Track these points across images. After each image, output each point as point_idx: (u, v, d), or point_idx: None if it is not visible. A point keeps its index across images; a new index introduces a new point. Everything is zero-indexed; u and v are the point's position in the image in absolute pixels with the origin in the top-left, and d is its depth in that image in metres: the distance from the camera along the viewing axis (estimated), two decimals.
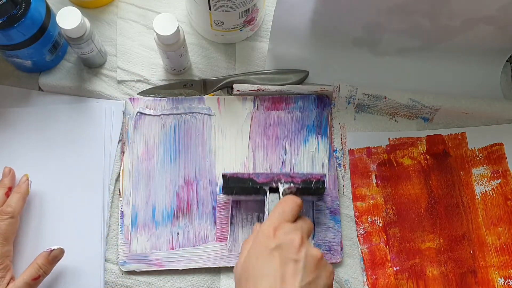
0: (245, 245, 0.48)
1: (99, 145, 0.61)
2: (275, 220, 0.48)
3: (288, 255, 0.45)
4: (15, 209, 0.55)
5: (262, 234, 0.47)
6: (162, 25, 0.55)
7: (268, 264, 0.45)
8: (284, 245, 0.46)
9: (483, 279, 0.59)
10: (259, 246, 0.46)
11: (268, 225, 0.48)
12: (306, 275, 0.45)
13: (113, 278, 0.58)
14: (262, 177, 0.56)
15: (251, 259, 0.46)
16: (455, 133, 0.64)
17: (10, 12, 0.52)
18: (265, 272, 0.44)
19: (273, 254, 0.45)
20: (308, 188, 0.56)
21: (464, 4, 0.55)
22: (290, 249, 0.45)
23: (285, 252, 0.45)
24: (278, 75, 0.64)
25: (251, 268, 0.45)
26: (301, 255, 0.45)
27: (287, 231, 0.47)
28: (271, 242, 0.46)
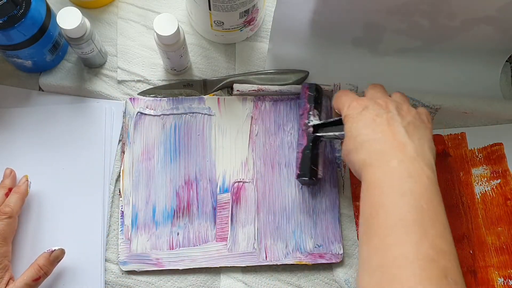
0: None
1: (99, 145, 0.61)
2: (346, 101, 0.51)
3: (379, 110, 0.47)
4: (14, 209, 0.55)
5: (349, 112, 0.49)
6: (162, 25, 0.55)
7: (363, 121, 0.47)
8: (370, 105, 0.48)
9: (482, 279, 0.59)
10: (350, 118, 0.48)
11: (347, 106, 0.50)
12: (402, 118, 0.47)
13: (113, 278, 0.58)
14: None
15: (351, 130, 0.47)
16: (454, 133, 0.64)
17: (11, 12, 0.52)
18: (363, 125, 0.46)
19: (364, 114, 0.47)
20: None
21: (464, 4, 0.55)
22: (377, 105, 0.48)
23: (374, 108, 0.47)
24: (278, 75, 0.64)
25: (355, 133, 0.47)
26: (391, 107, 0.48)
27: (366, 99, 0.50)
28: (358, 107, 0.48)
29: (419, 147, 0.45)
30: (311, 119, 0.59)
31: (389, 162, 0.43)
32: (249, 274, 0.59)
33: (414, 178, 0.42)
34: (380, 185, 0.42)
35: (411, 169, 0.43)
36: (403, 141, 0.45)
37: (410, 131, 0.46)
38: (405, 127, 0.46)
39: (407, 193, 0.41)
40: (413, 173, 0.42)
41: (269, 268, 0.59)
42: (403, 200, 0.41)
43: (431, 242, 0.39)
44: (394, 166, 0.43)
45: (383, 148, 0.44)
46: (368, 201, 0.43)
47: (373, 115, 0.47)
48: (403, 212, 0.40)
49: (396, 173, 0.42)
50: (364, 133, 0.46)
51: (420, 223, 0.40)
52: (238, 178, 0.61)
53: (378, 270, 0.38)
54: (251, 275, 0.59)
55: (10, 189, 0.57)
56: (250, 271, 0.59)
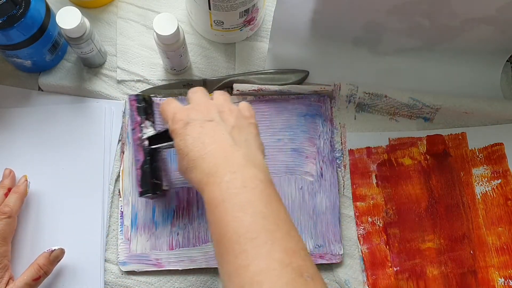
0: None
1: (99, 145, 0.61)
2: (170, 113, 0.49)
3: (202, 120, 0.47)
4: (13, 209, 0.55)
5: (174, 126, 0.48)
6: (162, 25, 0.55)
7: (190, 136, 0.46)
8: (193, 116, 0.48)
9: (483, 279, 0.59)
10: (177, 134, 0.47)
11: (172, 119, 0.49)
12: (226, 123, 0.47)
13: (113, 278, 0.58)
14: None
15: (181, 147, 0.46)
16: (455, 133, 0.64)
17: (10, 12, 0.52)
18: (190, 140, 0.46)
19: (189, 128, 0.47)
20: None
21: (464, 4, 0.55)
22: (199, 113, 0.48)
23: (198, 119, 0.47)
24: (278, 75, 0.64)
25: (185, 150, 0.46)
26: (213, 113, 0.48)
27: (188, 108, 0.49)
28: (182, 121, 0.47)
29: (247, 151, 0.45)
30: (144, 131, 0.57)
31: (223, 177, 0.43)
32: None
33: (248, 187, 0.42)
34: (220, 202, 0.42)
35: (244, 177, 0.43)
36: (231, 150, 0.45)
37: (236, 136, 0.46)
38: (230, 133, 0.46)
39: (245, 204, 0.41)
40: (246, 181, 0.42)
41: None
42: (244, 212, 0.41)
43: (281, 246, 0.39)
44: (227, 180, 0.42)
45: (214, 163, 0.44)
46: (213, 221, 0.42)
47: (198, 127, 0.47)
48: (247, 225, 0.40)
49: (231, 186, 0.42)
50: (195, 149, 0.45)
51: (266, 230, 0.40)
52: None
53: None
54: None
55: (9, 189, 0.57)
56: None
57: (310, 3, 0.57)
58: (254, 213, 0.41)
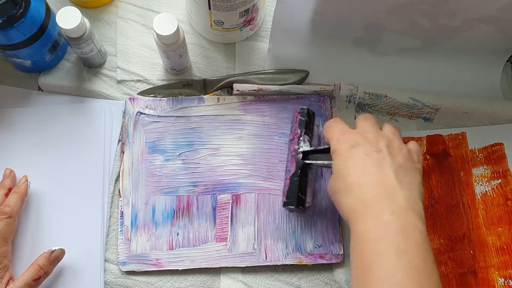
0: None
1: (99, 145, 0.61)
2: (336, 133, 0.49)
3: (369, 149, 0.45)
4: (13, 209, 0.55)
5: (338, 147, 0.47)
6: (162, 25, 0.55)
7: (353, 159, 0.45)
8: (360, 142, 0.46)
9: (483, 279, 0.59)
10: (339, 155, 0.46)
11: (337, 139, 0.48)
12: (393, 159, 0.45)
13: (113, 278, 0.58)
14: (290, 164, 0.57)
15: (340, 168, 0.46)
16: (455, 133, 0.64)
17: (10, 12, 0.52)
18: (352, 164, 0.45)
19: (354, 152, 0.45)
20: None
21: (464, 4, 0.55)
22: (367, 142, 0.46)
23: (364, 146, 0.46)
24: (278, 75, 0.64)
25: (343, 172, 0.45)
26: (381, 145, 0.46)
27: (356, 133, 0.48)
28: (347, 143, 0.46)
29: (409, 194, 0.43)
30: (301, 145, 0.57)
31: (380, 214, 0.42)
32: (249, 275, 0.59)
33: (407, 233, 0.41)
34: (372, 238, 0.41)
35: (403, 222, 0.41)
36: (393, 188, 0.43)
37: (400, 175, 0.45)
38: (395, 171, 0.44)
39: (401, 250, 0.40)
40: (405, 227, 0.41)
41: (269, 268, 0.59)
42: (397, 259, 0.40)
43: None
44: (386, 219, 0.41)
45: (372, 194, 0.43)
46: (359, 254, 0.41)
47: (363, 154, 0.45)
48: (399, 272, 0.39)
49: (388, 228, 0.41)
50: (353, 174, 0.44)
51: (417, 284, 0.39)
52: (238, 178, 0.61)
53: None
54: (251, 275, 0.59)
55: (9, 189, 0.57)
56: (250, 271, 0.59)
57: (310, 3, 0.57)
58: (408, 265, 0.39)
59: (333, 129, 0.50)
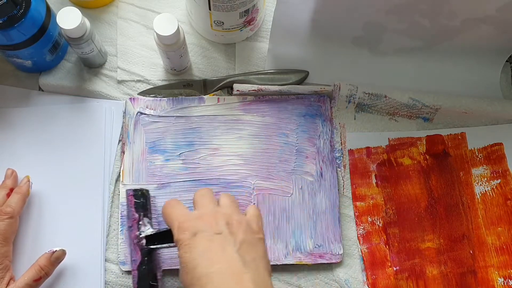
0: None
1: (99, 145, 0.61)
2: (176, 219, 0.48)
3: (210, 233, 0.45)
4: (15, 210, 0.55)
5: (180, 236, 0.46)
6: (162, 25, 0.55)
7: (197, 249, 0.45)
8: (200, 227, 0.46)
9: (483, 279, 0.59)
10: (183, 246, 0.46)
11: (178, 227, 0.47)
12: (234, 237, 0.46)
13: (113, 278, 0.58)
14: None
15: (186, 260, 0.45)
16: (454, 133, 0.64)
17: (10, 12, 0.52)
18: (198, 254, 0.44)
19: (196, 240, 0.45)
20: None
21: (464, 4, 0.55)
22: (207, 225, 0.46)
23: (205, 231, 0.45)
24: (278, 75, 0.64)
25: (190, 265, 0.44)
26: (221, 225, 0.46)
27: (195, 218, 0.47)
28: (188, 231, 0.46)
29: (256, 274, 0.44)
30: (142, 229, 0.54)
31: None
32: None
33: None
34: None
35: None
36: (240, 272, 0.43)
37: (244, 253, 0.45)
38: (239, 251, 0.45)
39: None
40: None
41: None
42: None
43: None
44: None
45: (221, 284, 0.43)
46: None
47: (205, 241, 0.45)
48: None
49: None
50: (201, 265, 0.44)
51: None
52: (238, 178, 0.61)
53: None
54: None
55: (11, 189, 0.57)
56: None
57: (310, 3, 0.57)
58: None
59: (172, 215, 0.49)
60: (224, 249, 0.45)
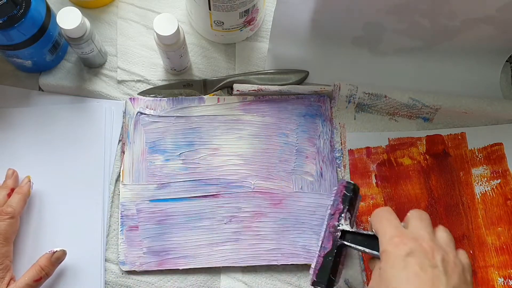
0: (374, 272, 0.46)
1: (99, 145, 0.61)
2: (389, 230, 0.45)
3: (424, 261, 0.42)
4: (16, 210, 0.55)
5: (390, 249, 0.44)
6: (162, 25, 0.55)
7: (406, 272, 0.42)
8: (416, 251, 0.43)
9: (483, 279, 0.59)
10: (391, 261, 0.43)
11: (390, 238, 0.44)
12: (448, 279, 0.42)
13: (113, 278, 0.58)
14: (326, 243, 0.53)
15: (389, 276, 0.42)
16: (454, 133, 0.64)
17: (10, 12, 0.52)
18: (405, 278, 0.42)
19: (407, 262, 0.42)
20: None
21: (464, 4, 0.55)
22: (423, 253, 0.43)
23: (420, 257, 0.42)
24: (278, 75, 0.64)
25: (393, 283, 0.42)
26: (437, 259, 0.43)
27: (411, 237, 0.44)
28: (402, 248, 0.43)
29: None
30: (341, 222, 0.53)
31: None
32: (249, 274, 0.59)
33: None
34: None
35: None
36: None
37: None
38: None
39: None
40: None
41: (269, 268, 0.59)
42: None
43: None
44: None
45: None
46: None
47: (417, 268, 0.42)
48: None
49: None
50: (399, 277, 0.42)
51: None
52: (238, 178, 0.61)
53: None
54: (251, 275, 0.59)
55: (12, 189, 0.57)
56: (250, 271, 0.59)
57: (310, 3, 0.57)
58: None
59: (384, 222, 0.47)
60: (434, 285, 0.41)
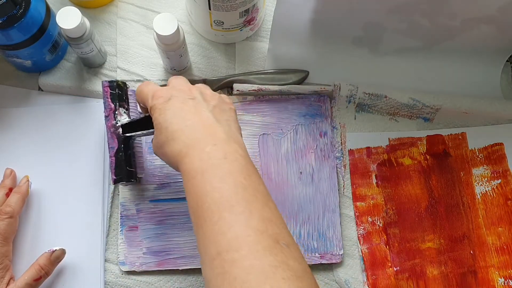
0: None
1: (99, 145, 0.61)
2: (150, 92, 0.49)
3: (184, 97, 0.47)
4: (14, 209, 0.55)
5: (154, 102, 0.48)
6: (162, 25, 0.55)
7: (171, 110, 0.46)
8: (175, 93, 0.48)
9: (483, 279, 0.59)
10: (157, 109, 0.47)
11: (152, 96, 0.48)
12: (207, 103, 0.48)
13: (113, 278, 0.58)
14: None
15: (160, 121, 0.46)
16: (455, 133, 0.64)
17: (10, 12, 0.52)
18: (172, 115, 0.46)
19: (170, 104, 0.47)
20: None
21: (464, 4, 0.55)
22: (182, 92, 0.48)
23: (180, 96, 0.47)
24: (278, 75, 0.64)
25: (164, 125, 0.46)
26: (195, 93, 0.48)
27: (169, 87, 0.49)
28: (163, 96, 0.47)
29: (228, 129, 0.46)
30: (118, 119, 0.56)
31: (203, 149, 0.44)
32: None
33: (229, 159, 0.43)
34: (200, 172, 0.42)
35: (224, 150, 0.43)
36: (212, 126, 0.45)
37: (217, 114, 0.47)
38: (212, 111, 0.47)
39: (226, 174, 0.42)
40: (227, 154, 0.43)
41: None
42: (224, 182, 0.41)
43: (258, 215, 0.40)
44: (208, 151, 0.43)
45: (195, 135, 0.45)
46: (192, 191, 0.43)
47: (179, 103, 0.47)
48: (227, 194, 0.41)
49: (212, 157, 0.43)
50: (174, 122, 0.46)
51: (245, 200, 0.41)
52: None
53: (217, 258, 0.38)
54: None
55: (10, 189, 0.57)
56: None
57: (310, 3, 0.57)
58: (234, 184, 0.41)
59: (145, 90, 0.50)
60: (197, 109, 0.47)
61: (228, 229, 0.39)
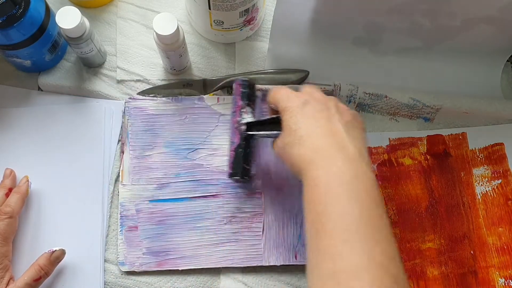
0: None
1: (99, 145, 0.61)
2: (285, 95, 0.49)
3: (319, 106, 0.47)
4: (14, 209, 0.55)
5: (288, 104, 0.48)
6: (161, 25, 0.55)
7: (304, 115, 0.46)
8: (311, 100, 0.48)
9: (483, 280, 0.59)
10: (290, 112, 0.47)
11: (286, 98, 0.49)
12: (341, 116, 0.47)
13: (112, 278, 0.58)
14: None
15: (290, 124, 0.47)
16: (455, 133, 0.64)
17: (10, 12, 0.52)
18: (304, 119, 0.46)
19: (304, 108, 0.47)
20: None
21: (465, 4, 0.55)
22: (317, 101, 0.48)
23: (315, 104, 0.47)
24: (278, 74, 0.63)
25: (294, 127, 0.46)
26: (330, 104, 0.48)
27: (304, 93, 0.49)
28: (298, 101, 0.48)
29: (360, 147, 0.45)
30: (243, 116, 0.57)
31: (332, 161, 0.43)
32: (249, 275, 0.59)
33: (359, 179, 0.42)
34: (326, 185, 0.42)
35: (354, 169, 0.42)
36: (343, 140, 0.44)
37: (349, 129, 0.46)
38: (344, 125, 0.46)
39: (356, 195, 0.41)
40: (357, 174, 0.42)
41: (269, 269, 0.59)
42: (351, 204, 0.40)
43: (382, 248, 0.39)
44: (338, 165, 0.42)
45: (323, 145, 0.44)
46: (314, 199, 0.42)
47: (313, 111, 0.47)
48: (353, 217, 0.40)
49: (340, 173, 0.42)
50: (304, 127, 0.46)
51: (370, 229, 0.40)
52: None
53: (331, 279, 0.38)
54: (251, 275, 0.59)
55: (10, 189, 0.57)
56: (250, 271, 0.59)
57: (310, 3, 0.57)
58: (361, 209, 0.40)
59: (281, 92, 0.50)
60: (329, 119, 0.46)
61: (349, 253, 0.38)
